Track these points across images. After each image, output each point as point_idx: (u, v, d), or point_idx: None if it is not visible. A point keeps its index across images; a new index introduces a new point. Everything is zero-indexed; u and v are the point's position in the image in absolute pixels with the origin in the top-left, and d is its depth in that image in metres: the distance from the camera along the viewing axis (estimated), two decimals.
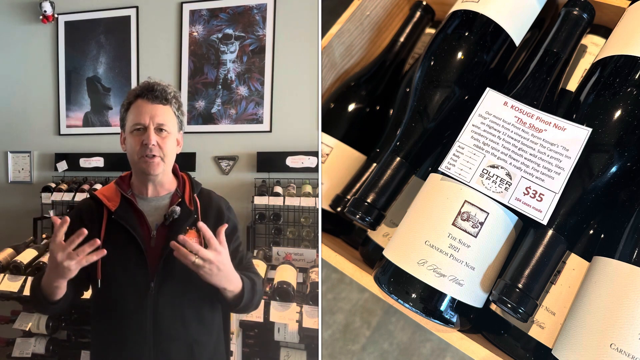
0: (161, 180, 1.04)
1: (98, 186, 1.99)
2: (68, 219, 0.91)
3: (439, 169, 0.79)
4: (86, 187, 2.01)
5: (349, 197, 1.04)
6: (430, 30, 1.20)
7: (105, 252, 0.92)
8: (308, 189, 1.86)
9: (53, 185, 2.07)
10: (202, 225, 0.91)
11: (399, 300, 0.77)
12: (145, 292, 0.98)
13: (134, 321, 0.98)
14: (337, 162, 1.09)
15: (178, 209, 1.02)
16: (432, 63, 0.88)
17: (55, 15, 2.13)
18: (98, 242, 0.91)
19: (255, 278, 1.04)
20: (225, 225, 0.94)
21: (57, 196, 2.02)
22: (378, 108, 1.15)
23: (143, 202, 1.04)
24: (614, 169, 0.73)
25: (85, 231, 0.91)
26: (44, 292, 0.96)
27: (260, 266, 1.52)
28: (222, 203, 1.10)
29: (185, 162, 2.01)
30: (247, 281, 1.00)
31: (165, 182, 1.05)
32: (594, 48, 0.91)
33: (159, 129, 1.01)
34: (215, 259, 0.91)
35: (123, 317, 0.99)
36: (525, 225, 0.77)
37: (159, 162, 1.01)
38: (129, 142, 1.02)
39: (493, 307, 0.82)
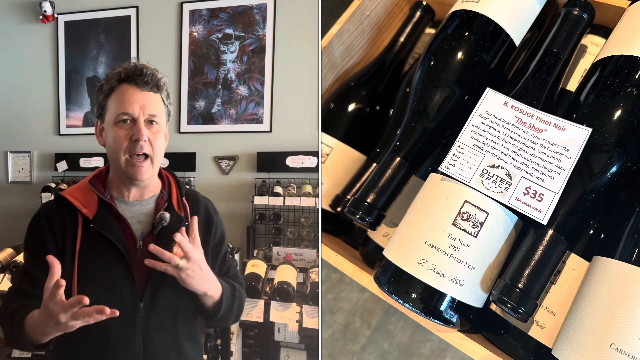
0: (147, 182, 0.90)
1: None
2: (63, 282, 0.74)
3: (439, 169, 0.79)
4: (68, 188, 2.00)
5: (349, 197, 1.04)
6: (430, 30, 1.20)
7: (86, 300, 0.73)
8: (308, 189, 1.86)
9: (53, 185, 2.07)
10: (180, 238, 0.81)
11: (399, 300, 0.77)
12: (134, 314, 0.84)
13: (122, 348, 0.84)
14: (337, 162, 1.09)
15: (167, 215, 0.88)
16: (432, 63, 0.88)
17: (55, 15, 2.13)
18: (86, 300, 0.73)
19: (236, 285, 0.95)
20: (195, 218, 0.85)
21: None
22: (378, 108, 1.15)
23: (124, 206, 0.89)
24: (614, 169, 0.73)
25: (86, 300, 0.72)
26: (30, 338, 0.80)
27: (260, 266, 1.52)
28: (209, 205, 0.99)
29: (185, 162, 2.01)
30: (226, 286, 0.91)
31: (150, 184, 0.91)
32: (594, 48, 0.91)
33: (150, 121, 0.87)
34: (199, 257, 0.83)
35: (110, 344, 0.84)
36: (525, 225, 0.77)
37: (148, 166, 0.87)
38: (112, 135, 0.86)
39: (493, 307, 0.82)
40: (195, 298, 0.87)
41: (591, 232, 0.78)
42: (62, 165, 2.12)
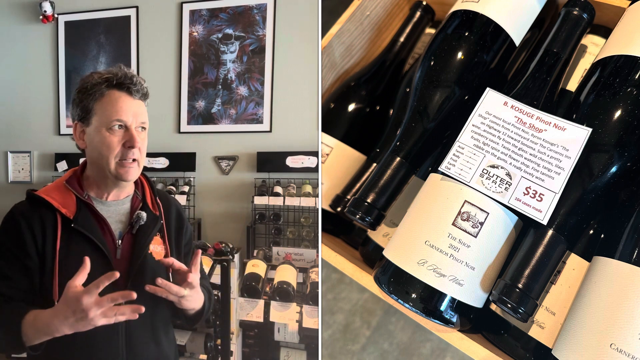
0: (129, 183, 0.92)
1: None
2: (117, 274, 0.77)
3: (439, 169, 0.79)
4: (43, 188, 2.00)
5: (349, 197, 1.04)
6: (430, 30, 1.20)
7: (134, 295, 0.77)
8: (308, 189, 1.86)
9: None
10: (180, 265, 0.85)
11: (399, 300, 0.77)
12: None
13: (105, 347, 0.86)
14: (337, 162, 1.09)
15: (144, 214, 0.91)
16: (432, 63, 0.88)
17: (55, 15, 2.13)
18: (134, 295, 0.77)
19: (207, 285, 0.98)
20: (199, 252, 0.88)
21: None
22: (378, 108, 1.15)
23: (102, 206, 0.90)
24: (614, 169, 0.73)
25: (117, 273, 0.76)
26: (28, 337, 0.79)
27: (260, 266, 1.52)
28: (178, 205, 1.01)
29: (185, 162, 2.01)
30: (205, 293, 0.94)
31: (129, 185, 0.93)
32: (594, 48, 0.91)
33: (140, 128, 0.90)
34: (198, 284, 0.87)
35: (93, 344, 0.85)
36: (525, 225, 0.77)
37: (136, 168, 0.89)
38: (103, 140, 0.87)
39: (493, 307, 0.82)
40: (171, 304, 0.88)
41: (591, 232, 0.78)
42: (62, 165, 2.12)
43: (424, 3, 1.15)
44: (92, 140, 0.89)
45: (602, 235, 0.77)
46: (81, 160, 0.99)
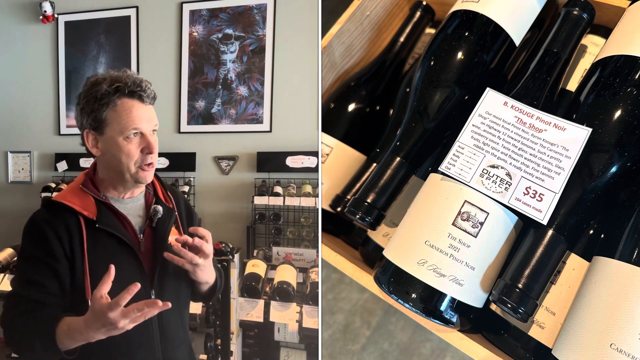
0: None
1: None
2: (138, 285, 0.78)
3: (439, 169, 0.79)
4: (57, 194, 2.00)
5: (349, 197, 1.04)
6: (430, 30, 1.20)
7: (160, 303, 0.79)
8: (308, 189, 1.86)
9: (53, 185, 2.07)
10: (204, 231, 0.91)
11: (399, 300, 0.77)
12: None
13: (140, 333, 0.88)
14: (337, 162, 1.09)
15: (160, 207, 0.96)
16: (432, 63, 0.88)
17: (55, 15, 2.13)
18: (159, 303, 0.79)
19: (216, 265, 1.04)
20: (200, 227, 0.94)
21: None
22: (378, 108, 1.15)
23: (119, 204, 0.94)
24: (614, 169, 0.73)
25: (138, 285, 0.78)
26: (63, 343, 0.82)
27: (260, 266, 1.52)
28: (185, 197, 1.09)
29: (185, 162, 2.01)
30: (217, 271, 1.01)
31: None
32: (594, 48, 0.91)
33: (152, 131, 0.93)
34: (211, 253, 0.92)
35: (128, 332, 0.86)
36: (525, 225, 0.77)
37: (152, 170, 0.94)
38: (121, 148, 0.89)
39: (493, 307, 0.82)
40: (192, 283, 0.95)
41: (591, 232, 0.78)
42: (62, 165, 2.12)
43: (424, 3, 1.15)
44: (109, 148, 0.91)
45: (602, 235, 0.77)
46: (81, 160, 1.01)
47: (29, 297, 0.86)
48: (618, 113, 0.73)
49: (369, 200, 0.84)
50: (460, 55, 0.86)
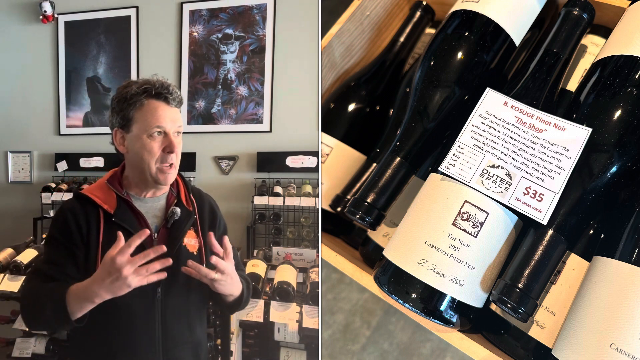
0: None
1: None
2: (147, 231, 0.86)
3: (439, 169, 0.79)
4: (86, 187, 2.01)
5: (349, 197, 1.04)
6: (430, 30, 1.20)
7: (170, 261, 0.86)
8: (308, 189, 1.86)
9: (53, 185, 2.08)
10: (226, 240, 0.93)
11: (399, 300, 0.77)
12: (153, 298, 0.94)
13: (142, 329, 0.94)
14: (337, 162, 1.09)
15: (178, 209, 0.99)
16: (432, 63, 0.88)
17: (55, 15, 2.14)
18: (164, 248, 0.86)
19: (246, 277, 1.05)
20: (226, 238, 0.94)
21: (57, 196, 2.02)
22: (378, 108, 1.15)
23: (139, 202, 0.99)
24: (614, 169, 0.73)
25: (147, 232, 0.85)
26: (72, 308, 0.87)
27: (260, 266, 1.52)
28: (212, 201, 1.09)
29: (185, 162, 2.01)
30: (244, 283, 1.00)
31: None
32: (594, 48, 0.91)
33: (176, 133, 0.97)
34: (231, 270, 0.92)
35: (131, 326, 0.94)
36: (525, 225, 0.77)
37: (174, 172, 0.97)
38: (145, 145, 0.95)
39: (493, 307, 0.82)
40: (211, 291, 0.95)
41: (591, 232, 0.78)
42: (62, 165, 2.12)
43: (424, 3, 1.15)
44: (134, 146, 0.96)
45: (602, 235, 0.77)
46: (81, 160, 1.01)
47: (47, 272, 0.93)
48: (618, 113, 0.73)
49: (369, 200, 0.84)
50: (460, 55, 0.86)
